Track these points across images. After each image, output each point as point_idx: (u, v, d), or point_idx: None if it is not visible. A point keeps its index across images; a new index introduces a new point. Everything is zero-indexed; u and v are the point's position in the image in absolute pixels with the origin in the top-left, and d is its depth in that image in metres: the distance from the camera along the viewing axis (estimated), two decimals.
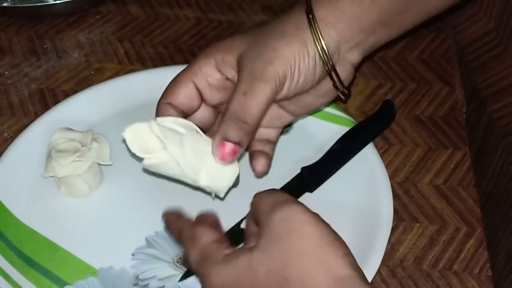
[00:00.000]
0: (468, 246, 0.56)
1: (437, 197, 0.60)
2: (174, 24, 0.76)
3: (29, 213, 0.56)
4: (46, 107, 0.66)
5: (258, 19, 0.77)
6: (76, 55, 0.72)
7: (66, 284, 0.52)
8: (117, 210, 0.57)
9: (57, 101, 0.66)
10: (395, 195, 0.58)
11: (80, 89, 0.66)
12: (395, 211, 0.56)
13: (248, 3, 0.79)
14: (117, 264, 0.53)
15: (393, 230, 0.56)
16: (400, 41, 0.74)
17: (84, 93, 0.65)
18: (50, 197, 0.57)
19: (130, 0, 0.79)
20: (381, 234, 0.53)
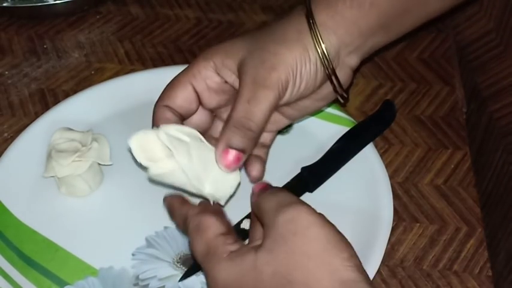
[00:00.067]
0: (468, 246, 0.56)
1: (438, 197, 0.60)
2: (174, 24, 0.76)
3: (29, 213, 0.56)
4: (46, 107, 0.66)
5: (258, 19, 0.77)
6: (76, 55, 0.72)
7: (66, 284, 0.52)
8: (117, 210, 0.57)
9: (57, 101, 0.66)
10: (395, 195, 0.58)
11: (80, 89, 0.66)
12: (395, 211, 0.56)
13: (248, 3, 0.79)
14: (117, 264, 0.53)
15: (393, 230, 0.56)
16: (400, 41, 0.74)
17: (84, 93, 0.65)
18: (50, 197, 0.57)
19: (131, 0, 0.79)
20: (381, 234, 0.53)
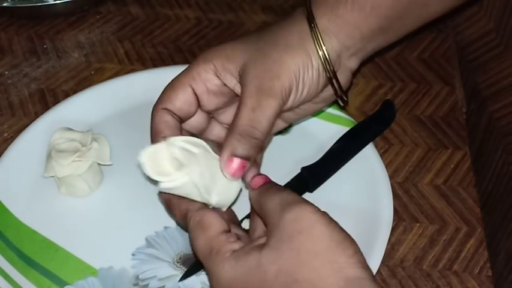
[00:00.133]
0: (468, 246, 0.56)
1: (438, 197, 0.60)
2: (174, 24, 0.76)
3: (29, 213, 0.56)
4: (46, 107, 0.66)
5: (258, 19, 0.77)
6: (76, 55, 0.72)
7: (66, 284, 0.52)
8: (117, 210, 0.57)
9: (57, 101, 0.66)
10: (395, 195, 0.58)
11: (80, 89, 0.66)
12: (395, 211, 0.56)
13: (248, 3, 0.79)
14: (117, 264, 0.53)
15: (393, 230, 0.56)
16: (400, 41, 0.74)
17: (84, 93, 0.65)
18: (50, 197, 0.57)
19: (131, 0, 0.79)
20: (381, 234, 0.53)
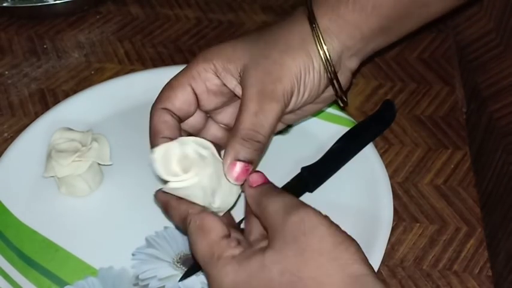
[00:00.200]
0: (468, 246, 0.56)
1: (438, 197, 0.60)
2: (174, 24, 0.76)
3: (29, 213, 0.56)
4: (46, 107, 0.66)
5: (258, 19, 0.77)
6: (76, 55, 0.72)
7: (66, 284, 0.52)
8: (117, 210, 0.57)
9: (57, 101, 0.66)
10: (395, 195, 0.58)
11: (80, 89, 0.66)
12: (395, 211, 0.56)
13: (248, 3, 0.79)
14: (117, 264, 0.53)
15: (393, 230, 0.56)
16: (400, 41, 0.74)
17: (84, 93, 0.65)
18: (50, 197, 0.57)
19: (131, 0, 0.79)
20: (381, 234, 0.53)
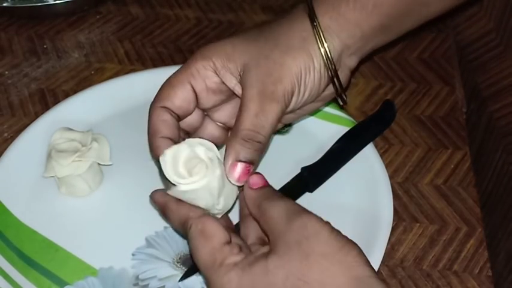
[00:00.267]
0: (468, 246, 0.56)
1: (438, 197, 0.60)
2: (174, 24, 0.76)
3: (29, 213, 0.56)
4: (46, 107, 0.66)
5: (258, 19, 0.77)
6: (76, 55, 0.72)
7: (66, 284, 0.52)
8: (117, 210, 0.57)
9: (57, 101, 0.66)
10: (395, 195, 0.58)
11: (80, 89, 0.66)
12: (395, 211, 0.56)
13: (248, 3, 0.79)
14: (117, 264, 0.53)
15: (393, 230, 0.56)
16: (400, 41, 0.74)
17: (84, 93, 0.65)
18: (50, 197, 0.57)
19: (131, 0, 0.79)
20: (381, 234, 0.53)
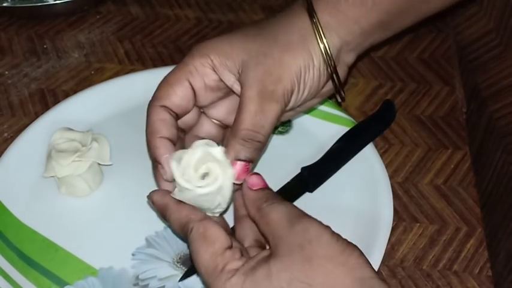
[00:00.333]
0: (468, 246, 0.56)
1: (438, 197, 0.60)
2: (174, 24, 0.76)
3: (29, 213, 0.56)
4: (46, 107, 0.66)
5: (258, 19, 0.77)
6: (76, 55, 0.72)
7: (66, 284, 0.52)
8: (117, 210, 0.57)
9: (57, 101, 0.66)
10: (395, 195, 0.58)
11: (80, 89, 0.66)
12: (395, 211, 0.56)
13: (248, 3, 0.79)
14: (117, 264, 0.53)
15: (393, 230, 0.56)
16: (400, 41, 0.74)
17: (84, 93, 0.65)
18: (50, 197, 0.57)
19: (131, 0, 0.79)
20: (381, 234, 0.53)
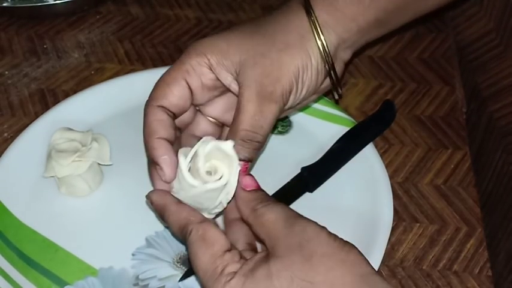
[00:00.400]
0: (468, 246, 0.56)
1: (437, 197, 0.60)
2: (174, 24, 0.76)
3: (29, 213, 0.56)
4: (46, 107, 0.66)
5: None
6: (76, 55, 0.72)
7: (66, 284, 0.52)
8: (117, 210, 0.57)
9: (57, 101, 0.66)
10: (395, 195, 0.58)
11: (80, 89, 0.66)
12: (395, 211, 0.56)
13: (248, 3, 0.79)
14: (117, 264, 0.53)
15: (393, 230, 0.56)
16: (400, 41, 0.74)
17: (84, 93, 0.65)
18: (50, 197, 0.57)
19: (131, 0, 0.79)
20: (381, 234, 0.53)
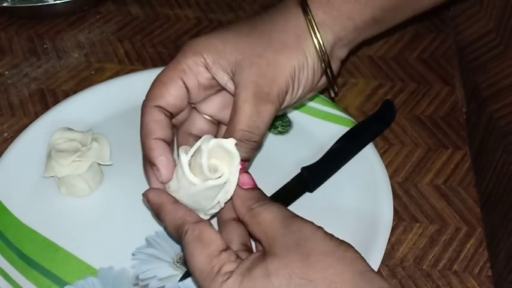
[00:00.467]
0: (468, 246, 0.56)
1: (437, 197, 0.60)
2: (174, 24, 0.76)
3: (29, 213, 0.56)
4: (46, 107, 0.66)
5: None
6: (76, 55, 0.72)
7: (66, 284, 0.52)
8: (117, 210, 0.57)
9: (57, 101, 0.66)
10: (395, 195, 0.58)
11: (80, 89, 0.66)
12: (395, 211, 0.56)
13: (248, 3, 0.79)
14: (117, 264, 0.53)
15: (393, 230, 0.56)
16: (400, 41, 0.74)
17: (84, 93, 0.65)
18: (50, 197, 0.57)
19: (131, 0, 0.79)
20: (381, 234, 0.53)
